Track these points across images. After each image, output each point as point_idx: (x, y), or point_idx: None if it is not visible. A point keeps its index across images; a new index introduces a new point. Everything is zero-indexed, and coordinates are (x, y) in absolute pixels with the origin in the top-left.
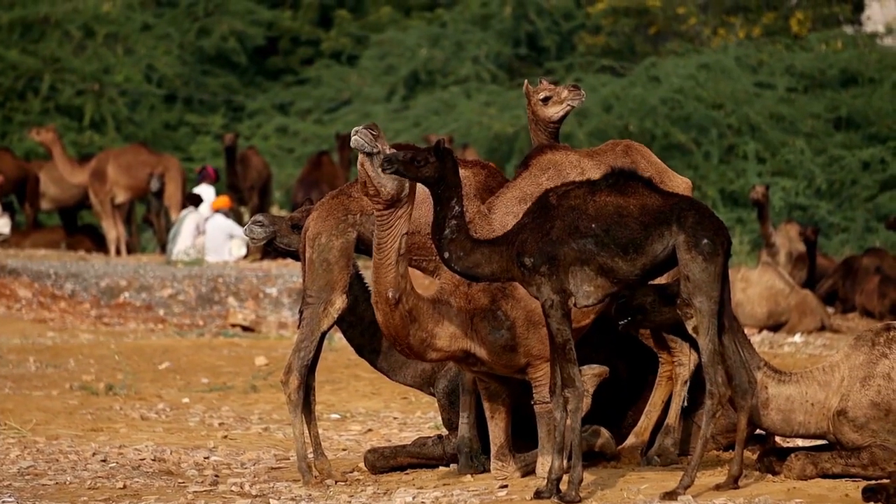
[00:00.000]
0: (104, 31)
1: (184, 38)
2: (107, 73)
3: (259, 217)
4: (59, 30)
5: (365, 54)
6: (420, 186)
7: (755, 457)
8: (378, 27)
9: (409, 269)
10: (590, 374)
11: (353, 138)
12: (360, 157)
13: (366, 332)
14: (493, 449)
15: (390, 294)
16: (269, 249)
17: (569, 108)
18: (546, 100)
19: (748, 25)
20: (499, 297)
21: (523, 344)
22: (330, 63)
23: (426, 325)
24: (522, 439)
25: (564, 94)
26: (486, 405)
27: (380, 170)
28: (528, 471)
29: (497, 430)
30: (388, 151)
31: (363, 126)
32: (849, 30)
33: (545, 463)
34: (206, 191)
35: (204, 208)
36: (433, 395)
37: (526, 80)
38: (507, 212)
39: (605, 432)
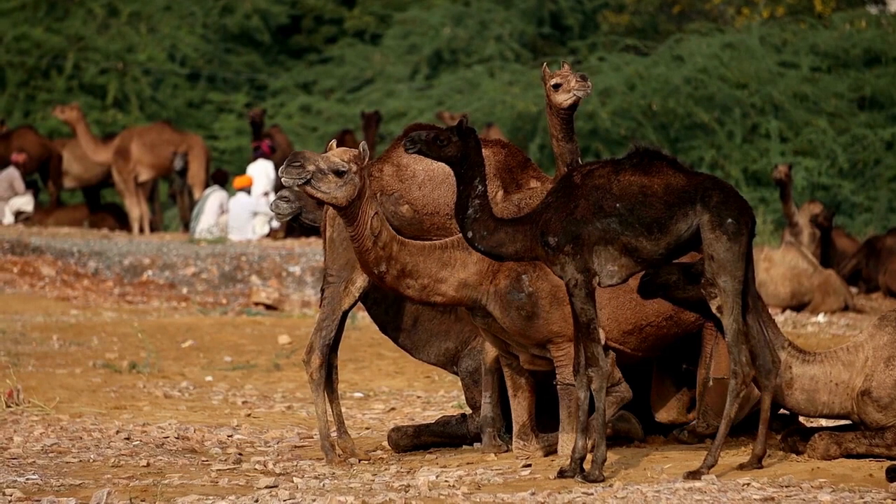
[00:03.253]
0: (128, 10)
1: (207, 16)
2: (130, 52)
3: (285, 192)
4: (83, 8)
5: (388, 33)
6: (438, 165)
7: (779, 437)
8: (401, 6)
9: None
10: None
11: (282, 180)
12: (301, 189)
13: (389, 309)
14: (515, 427)
15: (376, 272)
16: (294, 225)
17: (575, 97)
18: (557, 86)
19: (772, 5)
20: (528, 263)
21: (543, 317)
22: (353, 42)
23: (429, 271)
24: (549, 418)
25: (573, 83)
26: (508, 383)
27: (322, 187)
28: (551, 450)
29: (520, 409)
30: (322, 167)
31: (284, 164)
32: (873, 9)
33: (567, 442)
34: (263, 166)
35: (260, 185)
36: (456, 373)
37: (545, 64)
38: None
39: (631, 417)
